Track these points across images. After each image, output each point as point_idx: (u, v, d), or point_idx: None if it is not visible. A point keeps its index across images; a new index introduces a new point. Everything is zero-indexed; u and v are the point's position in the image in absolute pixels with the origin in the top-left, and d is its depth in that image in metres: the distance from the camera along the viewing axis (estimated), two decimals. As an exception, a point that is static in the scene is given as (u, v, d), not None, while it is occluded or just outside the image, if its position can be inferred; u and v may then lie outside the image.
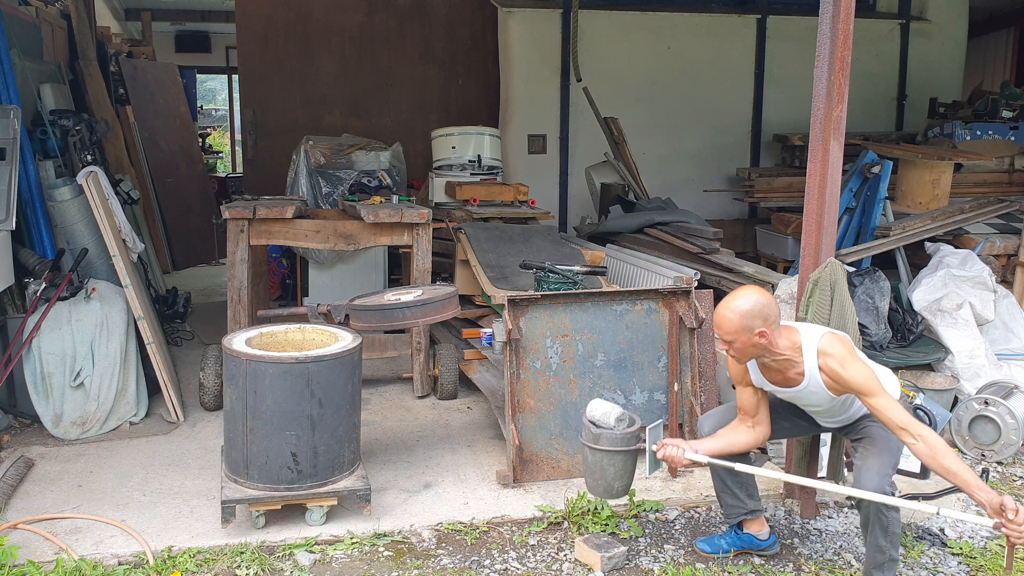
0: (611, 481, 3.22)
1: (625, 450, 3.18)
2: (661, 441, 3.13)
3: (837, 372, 2.94)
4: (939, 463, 2.77)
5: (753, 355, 3.01)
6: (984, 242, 5.56)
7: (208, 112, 18.06)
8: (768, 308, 2.93)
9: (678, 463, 3.10)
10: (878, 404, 2.88)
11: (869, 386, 2.91)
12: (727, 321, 2.93)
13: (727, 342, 2.97)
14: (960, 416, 4.46)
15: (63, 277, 4.64)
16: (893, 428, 2.87)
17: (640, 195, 7.04)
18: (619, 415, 3.23)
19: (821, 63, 3.45)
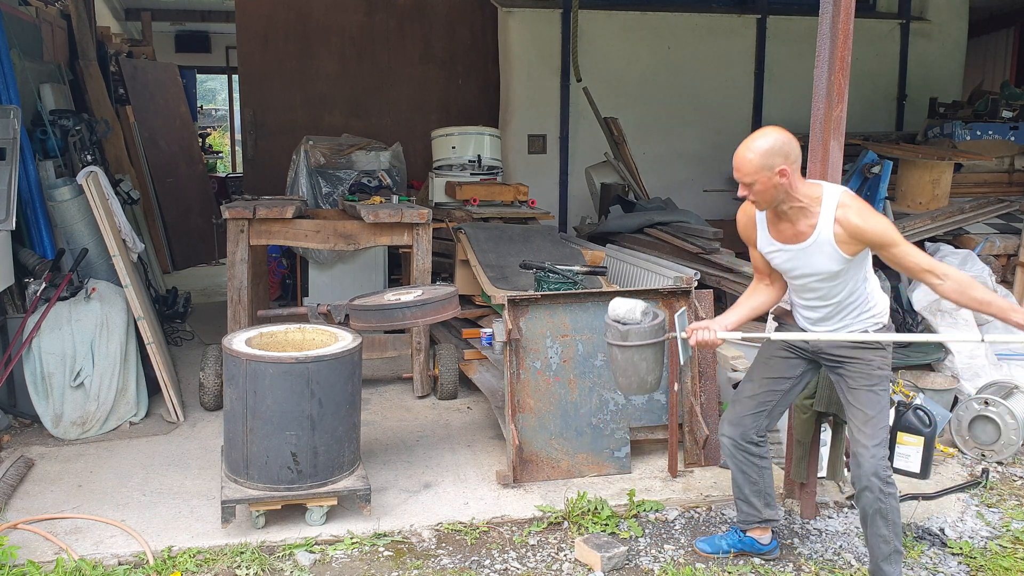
0: (644, 376, 3.15)
1: (655, 342, 3.12)
2: (690, 327, 3.08)
3: (855, 223, 2.83)
4: (970, 297, 2.76)
5: (773, 199, 2.88)
6: (984, 242, 5.56)
7: (208, 112, 18.06)
8: (789, 146, 2.83)
9: (712, 345, 3.07)
10: (900, 252, 2.82)
11: (889, 236, 2.82)
12: (747, 161, 2.83)
13: (747, 184, 2.86)
14: (960, 416, 4.46)
15: (63, 277, 4.64)
16: (918, 272, 2.82)
17: (640, 195, 7.04)
18: (644, 309, 3.17)
19: (821, 63, 3.45)
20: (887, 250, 2.84)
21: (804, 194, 2.89)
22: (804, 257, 2.96)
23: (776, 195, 2.88)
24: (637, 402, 4.15)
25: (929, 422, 4.04)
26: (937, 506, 3.90)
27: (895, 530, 3.03)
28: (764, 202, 2.91)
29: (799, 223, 2.93)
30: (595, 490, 3.88)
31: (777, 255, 3.04)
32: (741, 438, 3.25)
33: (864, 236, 2.84)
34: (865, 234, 2.83)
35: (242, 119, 8.65)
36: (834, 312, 3.04)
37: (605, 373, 4.10)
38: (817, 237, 2.90)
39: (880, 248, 2.85)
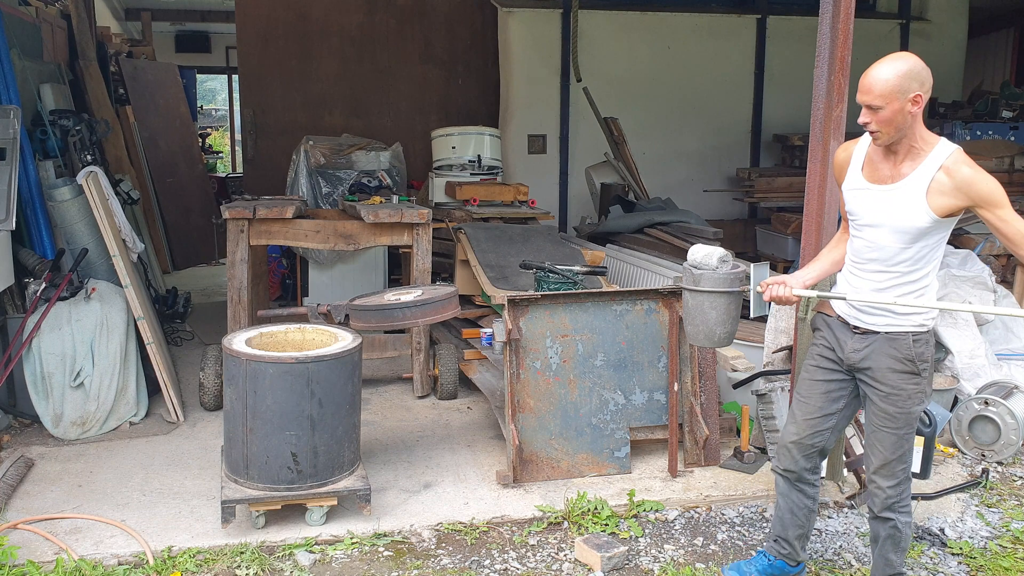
0: (713, 327, 3.02)
1: (727, 291, 2.98)
2: (765, 281, 2.91)
3: (966, 174, 2.61)
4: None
5: (897, 129, 2.65)
6: (984, 242, 5.57)
7: (208, 112, 18.06)
8: (926, 72, 2.63)
9: (787, 301, 2.89)
10: (1004, 215, 2.61)
11: (999, 195, 2.61)
12: (882, 82, 2.60)
13: (874, 109, 2.63)
14: (960, 416, 4.46)
15: (63, 277, 4.64)
16: (1020, 242, 2.61)
17: (640, 195, 7.04)
18: (722, 255, 3.05)
19: (821, 63, 3.45)
20: (993, 210, 2.62)
21: (921, 135, 2.69)
22: (887, 201, 2.73)
23: (902, 124, 2.65)
24: (637, 402, 4.15)
25: (929, 422, 4.05)
26: (937, 506, 3.90)
27: (902, 557, 2.97)
28: (886, 132, 2.67)
29: (902, 164, 2.72)
30: (595, 490, 3.88)
31: (858, 195, 2.81)
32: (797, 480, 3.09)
33: (973, 189, 2.61)
34: (974, 186, 2.61)
35: (242, 119, 8.65)
36: (886, 288, 2.79)
37: (605, 373, 4.10)
38: (914, 180, 2.68)
39: (986, 206, 2.62)
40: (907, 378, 2.80)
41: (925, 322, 2.81)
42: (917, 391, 2.81)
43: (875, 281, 2.80)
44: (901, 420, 2.83)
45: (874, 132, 2.70)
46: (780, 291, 2.87)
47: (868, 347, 2.84)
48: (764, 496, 3.93)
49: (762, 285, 2.92)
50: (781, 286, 2.87)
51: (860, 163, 2.84)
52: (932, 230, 2.70)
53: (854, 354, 2.87)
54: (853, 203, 2.83)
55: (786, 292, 2.86)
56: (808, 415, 3.01)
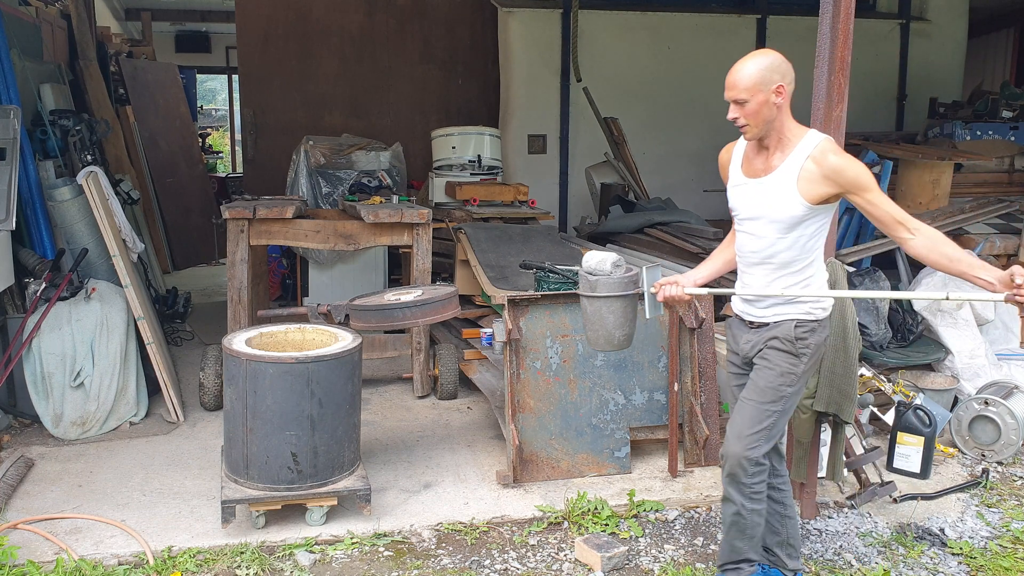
0: (611, 330, 3.06)
1: (623, 295, 3.03)
2: (658, 282, 2.96)
3: (833, 162, 2.69)
4: (940, 252, 2.63)
5: (764, 121, 2.73)
6: (984, 242, 5.56)
7: (208, 112, 18.06)
8: (786, 65, 2.73)
9: (680, 300, 2.93)
10: (873, 199, 2.69)
11: (866, 179, 2.69)
12: (745, 76, 2.70)
13: (740, 103, 2.72)
14: (960, 416, 4.46)
15: (63, 277, 4.64)
16: (891, 223, 2.68)
17: (640, 195, 7.04)
18: (615, 260, 3.09)
19: (821, 63, 3.45)
20: (862, 194, 2.69)
21: (789, 127, 2.78)
22: (762, 194, 2.81)
23: (768, 117, 2.73)
24: (637, 402, 4.14)
25: (929, 422, 4.05)
26: (937, 506, 3.90)
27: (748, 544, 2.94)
28: (755, 125, 2.75)
29: (773, 156, 2.80)
30: (595, 490, 3.88)
31: (737, 191, 2.90)
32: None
33: (841, 176, 2.68)
34: (842, 173, 2.68)
35: (242, 119, 8.65)
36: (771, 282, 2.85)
37: (605, 373, 4.10)
38: (783, 171, 2.76)
39: (856, 191, 2.69)
40: (783, 356, 2.85)
41: (812, 311, 2.85)
42: (790, 370, 2.84)
43: (760, 275, 2.88)
44: (768, 394, 2.85)
45: (743, 126, 2.78)
46: (673, 291, 2.93)
47: (758, 336, 2.91)
48: (764, 496, 3.93)
49: (655, 286, 2.97)
50: (674, 286, 2.93)
51: (739, 160, 2.93)
52: (807, 218, 2.76)
53: (747, 345, 2.95)
54: (733, 199, 2.92)
55: (678, 291, 2.92)
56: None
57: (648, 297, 2.99)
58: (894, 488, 3.87)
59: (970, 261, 2.63)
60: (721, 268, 3.09)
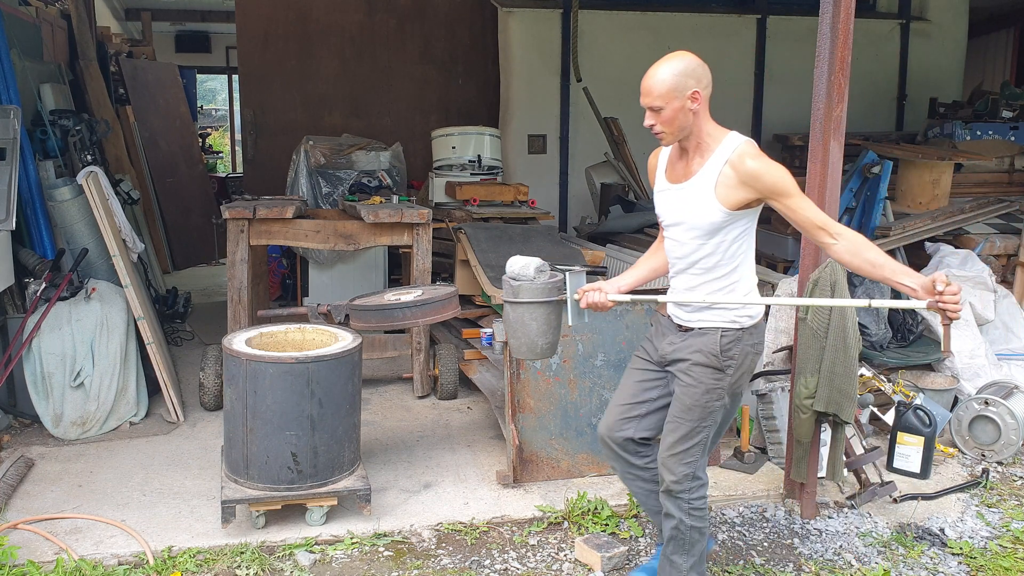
0: (534, 338, 2.97)
1: (546, 301, 2.94)
2: (582, 288, 2.90)
3: (750, 167, 2.62)
4: (864, 258, 2.59)
5: (681, 128, 2.68)
6: (984, 242, 5.56)
7: (208, 112, 18.06)
8: (702, 69, 2.66)
9: (602, 307, 2.88)
10: (794, 204, 2.63)
11: (786, 184, 2.62)
12: (659, 82, 2.63)
13: (656, 110, 2.66)
14: (960, 416, 4.46)
15: (63, 277, 4.64)
16: (812, 229, 2.64)
17: (640, 195, 7.04)
18: (539, 265, 3.00)
19: (821, 63, 3.45)
20: (782, 200, 2.64)
21: (707, 131, 2.72)
22: (682, 200, 2.77)
23: (684, 123, 2.68)
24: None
25: (929, 422, 4.05)
26: (937, 506, 3.90)
27: (690, 560, 2.88)
28: (671, 132, 2.71)
29: (693, 162, 2.75)
30: (595, 490, 3.88)
31: (661, 196, 2.86)
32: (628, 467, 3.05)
33: (759, 182, 2.62)
34: (760, 179, 2.62)
35: (242, 119, 8.65)
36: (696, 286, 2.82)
37: (606, 373, 4.10)
38: (702, 176, 2.71)
39: (775, 196, 2.64)
40: (708, 372, 2.81)
41: (737, 319, 2.81)
42: (716, 387, 2.81)
43: (685, 280, 2.85)
44: (694, 412, 2.82)
45: (659, 133, 2.73)
46: (596, 297, 2.88)
47: (683, 342, 2.86)
48: (765, 496, 3.93)
49: (579, 292, 2.91)
50: (597, 292, 2.88)
51: (664, 166, 2.89)
52: (727, 224, 2.71)
53: (669, 347, 2.90)
54: (658, 205, 2.88)
55: (602, 298, 2.87)
56: (620, 401, 3.02)
57: (571, 304, 2.93)
58: (894, 488, 3.87)
59: (893, 267, 2.59)
60: (647, 275, 3.04)
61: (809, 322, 3.55)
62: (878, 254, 2.59)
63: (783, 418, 4.12)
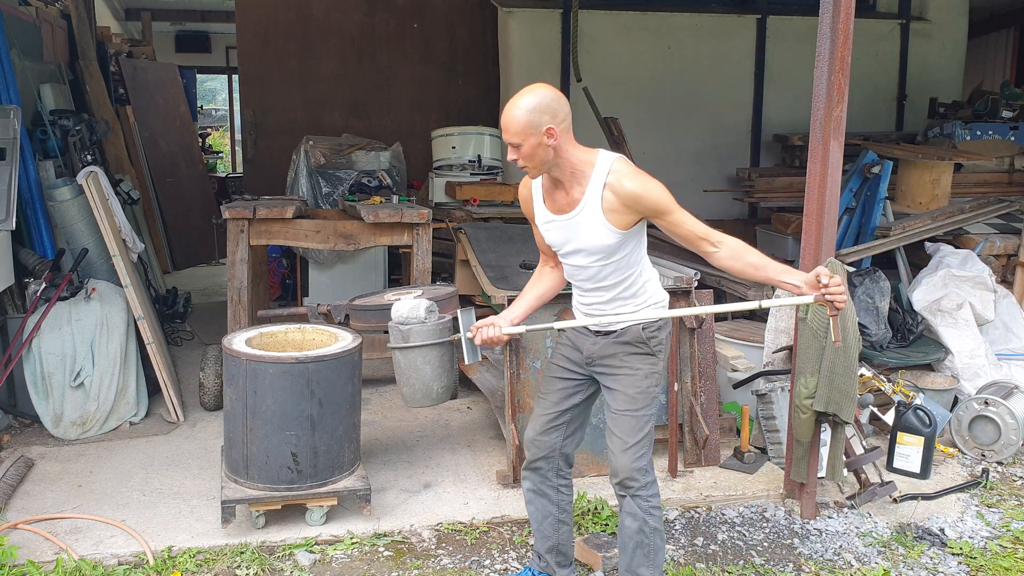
0: (429, 383, 2.94)
1: (440, 342, 2.91)
2: (474, 325, 2.87)
3: (629, 189, 2.63)
4: (745, 261, 2.62)
5: (542, 162, 2.66)
6: (984, 242, 5.56)
7: (208, 112, 18.05)
8: (556, 103, 2.61)
9: (498, 342, 2.86)
10: (675, 220, 2.64)
11: (665, 201, 2.63)
12: (513, 119, 2.59)
13: (515, 146, 2.64)
14: (960, 416, 4.46)
15: (63, 277, 4.64)
16: (694, 240, 2.66)
17: (640, 195, 7.03)
18: (428, 306, 2.95)
19: (821, 63, 3.45)
20: (664, 217, 2.65)
21: (577, 159, 2.69)
22: (574, 229, 2.75)
23: (545, 158, 2.65)
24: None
25: (929, 422, 4.06)
26: (937, 506, 3.90)
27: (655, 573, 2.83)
28: (534, 166, 2.69)
29: (572, 191, 2.72)
30: (595, 490, 3.89)
31: (550, 227, 2.82)
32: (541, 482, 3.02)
33: (640, 202, 2.63)
34: (641, 200, 2.63)
35: (242, 119, 8.65)
36: (608, 300, 2.84)
37: (605, 373, 4.09)
38: (586, 204, 2.69)
39: (657, 215, 2.66)
40: (641, 358, 2.84)
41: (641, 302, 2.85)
42: (652, 371, 2.85)
43: (594, 297, 2.86)
44: (640, 400, 2.82)
45: (523, 167, 2.71)
46: (490, 332, 2.85)
47: (607, 340, 2.88)
48: (764, 496, 3.93)
49: (472, 329, 2.88)
50: (491, 327, 2.86)
51: (540, 196, 2.85)
52: (623, 241, 2.74)
53: (593, 347, 2.90)
54: (548, 235, 2.86)
55: (496, 332, 2.85)
56: (545, 411, 3.01)
57: (466, 342, 2.88)
58: (894, 488, 3.87)
59: (775, 267, 2.63)
60: (535, 304, 3.01)
61: (809, 322, 3.55)
62: (759, 257, 2.64)
63: (783, 418, 4.12)
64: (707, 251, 2.68)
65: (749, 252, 2.65)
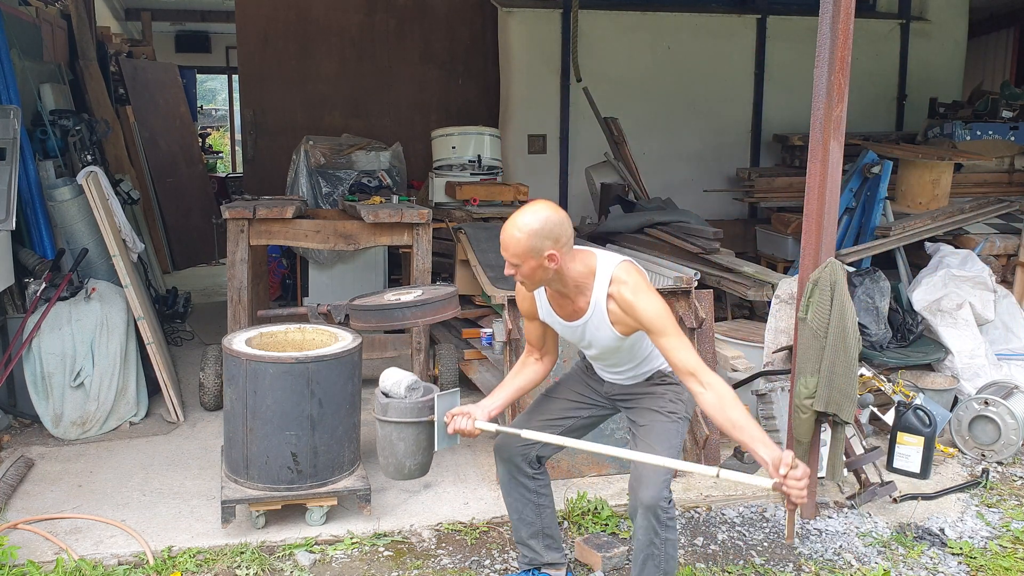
0: (402, 459, 2.91)
1: (415, 422, 2.87)
2: (450, 412, 2.83)
3: (627, 300, 2.63)
4: (726, 415, 2.52)
5: (541, 281, 2.68)
6: (984, 242, 5.57)
7: (208, 112, 18.05)
8: (560, 228, 2.60)
9: (470, 435, 2.82)
10: (668, 344, 2.60)
11: (661, 322, 2.60)
12: (515, 242, 2.58)
13: (515, 265, 2.64)
14: (960, 416, 4.46)
15: (63, 277, 4.64)
16: (682, 373, 2.61)
17: (640, 195, 7.04)
18: (411, 383, 2.91)
19: (821, 63, 3.45)
20: (655, 337, 2.64)
21: (578, 272, 2.69)
22: (583, 332, 2.80)
23: (544, 277, 2.67)
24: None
25: (929, 422, 4.05)
26: (937, 506, 3.90)
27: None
28: (531, 284, 2.70)
29: (577, 300, 2.74)
30: (595, 490, 3.89)
31: (561, 327, 2.86)
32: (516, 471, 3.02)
33: (635, 316, 2.64)
34: (637, 315, 2.63)
35: (242, 119, 8.64)
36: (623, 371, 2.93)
37: (605, 373, 4.09)
38: (593, 314, 2.72)
39: (649, 333, 2.65)
40: (667, 388, 2.90)
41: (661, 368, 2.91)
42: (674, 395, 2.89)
43: (614, 371, 2.95)
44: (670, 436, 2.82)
45: (520, 281, 2.71)
46: (464, 424, 2.82)
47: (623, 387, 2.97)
48: (764, 496, 3.93)
49: (448, 416, 2.84)
50: (466, 418, 2.82)
51: (545, 301, 2.85)
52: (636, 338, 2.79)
53: (611, 388, 3.00)
54: (562, 333, 2.90)
55: (469, 425, 2.81)
56: (540, 417, 3.02)
57: (439, 428, 2.84)
58: (894, 488, 3.87)
59: (752, 433, 2.50)
60: (514, 395, 3.00)
61: (809, 322, 3.55)
62: (741, 414, 2.53)
63: (783, 418, 4.12)
64: (693, 388, 2.61)
65: (733, 407, 2.54)
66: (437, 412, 2.85)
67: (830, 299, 3.50)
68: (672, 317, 2.65)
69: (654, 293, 2.68)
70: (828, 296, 3.49)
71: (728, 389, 2.58)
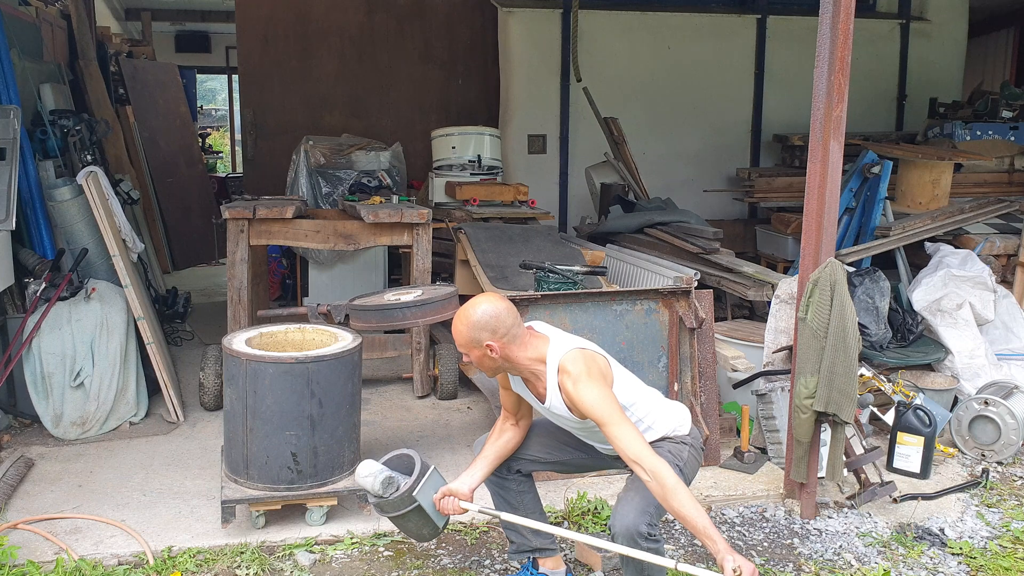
0: (416, 532, 2.99)
1: (407, 511, 2.89)
2: (436, 497, 2.88)
3: (569, 392, 2.66)
4: (669, 504, 2.52)
5: (494, 367, 2.77)
6: (984, 242, 5.56)
7: (208, 112, 18.06)
8: (497, 320, 2.67)
9: (458, 512, 2.88)
10: (612, 433, 2.59)
11: (602, 412, 2.60)
12: (456, 333, 2.73)
13: (465, 354, 2.78)
14: (960, 416, 4.46)
15: (63, 277, 4.64)
16: (627, 460, 2.59)
17: (640, 195, 7.04)
18: (384, 480, 2.89)
19: (821, 63, 3.45)
20: (600, 426, 2.63)
21: (529, 360, 2.74)
22: (553, 414, 2.85)
23: (494, 366, 2.76)
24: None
25: (929, 422, 4.05)
26: (937, 506, 3.90)
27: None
28: (485, 369, 2.78)
29: (537, 385, 2.80)
30: (595, 490, 3.88)
31: (534, 404, 2.91)
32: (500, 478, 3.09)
33: (578, 406, 2.66)
34: (582, 407, 2.65)
35: (242, 119, 8.65)
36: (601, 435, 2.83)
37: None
38: (552, 399, 2.76)
39: (597, 424, 2.64)
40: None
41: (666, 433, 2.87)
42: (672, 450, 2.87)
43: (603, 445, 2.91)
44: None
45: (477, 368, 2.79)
46: (449, 506, 2.87)
47: None
48: (764, 496, 3.93)
49: (435, 502, 2.89)
50: (450, 500, 2.87)
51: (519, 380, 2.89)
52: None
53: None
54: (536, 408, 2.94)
55: (454, 506, 2.87)
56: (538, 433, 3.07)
57: (432, 512, 2.90)
58: (894, 488, 3.87)
59: (695, 523, 2.50)
60: (495, 464, 3.02)
61: (809, 322, 3.55)
62: (688, 505, 2.50)
63: (783, 418, 4.12)
64: (640, 475, 2.58)
65: (676, 497, 2.51)
66: (424, 502, 2.89)
67: (830, 299, 3.50)
68: (615, 404, 2.64)
69: (597, 382, 2.66)
70: (828, 296, 3.49)
71: (673, 479, 2.54)
